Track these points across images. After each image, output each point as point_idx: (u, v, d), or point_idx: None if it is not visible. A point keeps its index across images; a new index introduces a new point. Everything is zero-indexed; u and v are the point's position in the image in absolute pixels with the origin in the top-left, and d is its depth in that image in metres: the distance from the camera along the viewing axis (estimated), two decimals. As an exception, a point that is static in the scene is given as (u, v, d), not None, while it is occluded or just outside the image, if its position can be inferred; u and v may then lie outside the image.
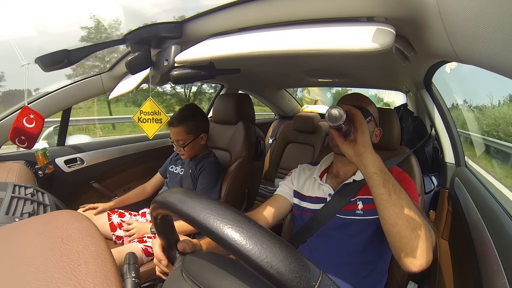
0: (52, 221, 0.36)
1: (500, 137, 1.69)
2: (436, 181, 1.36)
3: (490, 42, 0.29)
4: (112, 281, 0.28)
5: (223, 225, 0.29)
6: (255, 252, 0.27)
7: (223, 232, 0.29)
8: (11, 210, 0.66)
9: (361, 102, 0.79)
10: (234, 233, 0.29)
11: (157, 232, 0.48)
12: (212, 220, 0.30)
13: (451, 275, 0.89)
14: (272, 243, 0.28)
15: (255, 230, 0.29)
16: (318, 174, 0.85)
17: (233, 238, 0.28)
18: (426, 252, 0.54)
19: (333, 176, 0.84)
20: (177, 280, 0.39)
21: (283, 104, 2.65)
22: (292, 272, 0.26)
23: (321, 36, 0.48)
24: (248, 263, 0.27)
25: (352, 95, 0.84)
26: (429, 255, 0.55)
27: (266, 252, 0.27)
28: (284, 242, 0.29)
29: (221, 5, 0.61)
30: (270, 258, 0.26)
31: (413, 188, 0.75)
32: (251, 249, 0.27)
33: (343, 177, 0.81)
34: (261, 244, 0.27)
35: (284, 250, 0.27)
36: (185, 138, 1.24)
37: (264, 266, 0.26)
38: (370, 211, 0.74)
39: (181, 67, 0.69)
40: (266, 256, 0.27)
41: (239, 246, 0.28)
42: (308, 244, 0.81)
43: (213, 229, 0.30)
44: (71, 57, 0.75)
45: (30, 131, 1.04)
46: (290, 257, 0.27)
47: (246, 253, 0.27)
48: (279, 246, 0.28)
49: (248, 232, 0.29)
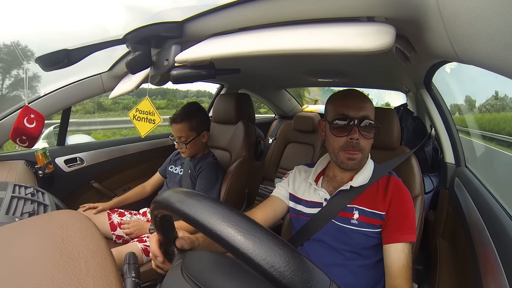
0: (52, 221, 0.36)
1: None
2: (436, 181, 1.37)
3: (491, 42, 0.29)
4: (112, 281, 0.28)
5: (234, 232, 0.29)
6: (268, 262, 0.27)
7: (233, 241, 0.28)
8: (11, 210, 0.66)
9: (365, 110, 0.72)
10: (246, 242, 0.28)
11: (156, 230, 0.48)
12: (223, 227, 0.29)
13: (451, 275, 0.89)
14: (285, 252, 0.27)
15: (267, 238, 0.28)
16: (314, 179, 0.83)
17: (245, 247, 0.28)
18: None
19: (329, 179, 0.82)
20: (177, 280, 0.39)
21: (283, 104, 2.65)
22: (304, 282, 0.26)
23: (321, 36, 0.48)
24: (260, 272, 0.27)
25: (353, 99, 0.74)
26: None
27: (280, 261, 0.27)
28: (296, 251, 0.28)
29: (222, 5, 0.60)
30: (284, 268, 0.26)
31: (409, 201, 0.75)
32: (264, 258, 0.27)
33: (340, 181, 0.80)
34: (274, 253, 0.27)
35: (296, 260, 0.27)
36: (188, 135, 1.24)
37: (277, 276, 0.26)
38: (365, 224, 0.73)
39: (181, 67, 0.69)
40: (279, 265, 0.26)
41: (251, 255, 0.27)
42: (305, 248, 0.81)
43: (223, 237, 0.29)
44: (71, 57, 0.75)
45: (31, 131, 1.04)
46: (302, 266, 0.27)
47: (258, 263, 0.27)
48: (291, 255, 0.27)
49: (261, 241, 0.28)
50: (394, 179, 0.78)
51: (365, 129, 0.72)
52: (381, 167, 0.80)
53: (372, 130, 0.74)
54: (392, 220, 0.72)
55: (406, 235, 0.70)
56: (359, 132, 0.71)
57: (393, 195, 0.74)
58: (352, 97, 0.75)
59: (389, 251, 0.70)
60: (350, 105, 0.73)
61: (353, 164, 0.73)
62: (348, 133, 0.72)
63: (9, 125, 1.03)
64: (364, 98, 0.76)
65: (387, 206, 0.73)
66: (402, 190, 0.76)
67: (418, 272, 1.08)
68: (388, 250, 0.70)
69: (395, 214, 0.72)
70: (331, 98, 0.80)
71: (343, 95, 0.77)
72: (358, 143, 0.72)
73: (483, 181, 0.93)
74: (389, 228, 0.72)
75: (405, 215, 0.72)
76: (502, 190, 0.82)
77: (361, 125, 0.71)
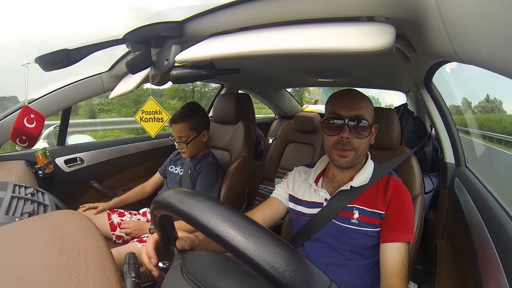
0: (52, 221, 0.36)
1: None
2: (436, 181, 1.36)
3: (491, 42, 0.29)
4: (112, 281, 0.28)
5: (234, 233, 0.29)
6: (268, 262, 0.27)
7: (234, 241, 0.28)
8: (11, 210, 0.66)
9: (358, 110, 0.72)
10: (246, 242, 0.28)
11: (156, 230, 0.48)
12: (223, 227, 0.29)
13: (451, 275, 0.89)
14: (285, 252, 0.27)
15: (267, 239, 0.28)
16: (313, 179, 0.83)
17: (245, 247, 0.28)
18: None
19: (329, 180, 0.83)
20: (177, 280, 0.39)
21: (283, 104, 2.65)
22: (304, 282, 0.26)
23: (321, 35, 0.48)
24: (260, 272, 0.27)
25: (347, 98, 0.75)
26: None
27: (280, 261, 0.27)
28: (296, 251, 0.28)
29: (222, 5, 0.60)
30: (284, 268, 0.26)
31: (408, 201, 0.75)
32: (264, 259, 0.27)
33: (339, 182, 0.80)
34: (274, 254, 0.27)
35: (296, 260, 0.27)
36: (188, 135, 1.24)
37: (277, 276, 0.26)
38: (365, 223, 0.73)
39: (181, 67, 0.69)
40: (279, 265, 0.26)
41: (251, 255, 0.27)
42: (305, 248, 0.81)
43: (223, 237, 0.29)
44: (71, 57, 0.75)
45: (31, 131, 1.04)
46: (302, 267, 0.27)
47: (258, 263, 0.27)
48: (292, 255, 0.27)
49: (261, 241, 0.28)
50: (394, 179, 0.78)
51: (356, 129, 0.72)
52: (381, 167, 0.80)
53: (365, 129, 0.73)
54: (390, 219, 0.72)
55: (403, 234, 0.70)
56: (349, 131, 0.72)
57: (392, 194, 0.75)
58: (346, 96, 0.76)
59: (385, 250, 0.70)
60: (342, 105, 0.74)
61: (345, 162, 0.74)
62: (339, 132, 0.73)
63: (9, 125, 1.03)
64: (359, 97, 0.75)
65: (387, 205, 0.74)
66: (401, 189, 0.76)
67: (418, 272, 1.08)
68: (384, 249, 0.71)
69: (393, 214, 0.73)
70: (329, 97, 0.81)
71: (338, 95, 0.78)
72: (350, 142, 0.72)
73: (483, 180, 0.93)
74: (387, 227, 0.72)
75: (403, 215, 0.72)
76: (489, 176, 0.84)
77: (352, 124, 0.72)
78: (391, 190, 0.75)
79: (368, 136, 0.74)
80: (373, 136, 0.78)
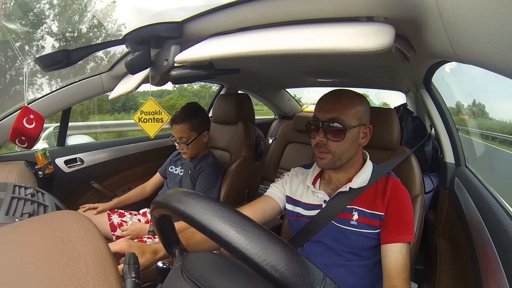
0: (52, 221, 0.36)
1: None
2: (436, 181, 1.36)
3: (490, 42, 0.29)
4: (112, 281, 0.28)
5: (226, 227, 0.29)
6: (260, 256, 0.27)
7: (227, 235, 0.28)
8: (11, 211, 0.66)
9: (333, 112, 0.71)
10: (238, 236, 0.28)
11: (156, 230, 0.48)
12: (216, 222, 0.30)
13: (451, 275, 0.89)
14: (277, 246, 0.27)
15: (259, 233, 0.28)
16: (311, 181, 0.82)
17: (237, 242, 0.28)
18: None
19: (326, 182, 0.82)
20: (178, 281, 0.39)
21: (283, 104, 2.65)
22: (296, 276, 0.26)
23: (321, 36, 0.48)
24: (252, 266, 0.27)
25: (327, 100, 0.74)
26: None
27: (272, 255, 0.27)
28: (288, 246, 0.28)
29: (221, 5, 0.60)
30: (275, 262, 0.26)
31: (407, 201, 0.75)
32: (256, 252, 0.27)
33: (336, 183, 0.80)
34: (266, 248, 0.27)
35: (289, 254, 0.27)
36: (189, 135, 1.24)
37: (269, 269, 0.26)
38: (364, 225, 0.73)
39: (181, 67, 0.69)
40: (271, 259, 0.26)
41: (243, 249, 0.27)
42: (305, 249, 0.81)
43: (216, 232, 0.29)
44: (70, 57, 0.75)
45: (30, 131, 1.04)
46: (294, 260, 0.27)
47: (250, 257, 0.27)
48: (283, 249, 0.27)
49: (253, 235, 0.28)
50: (392, 179, 0.78)
51: (330, 132, 0.71)
52: (381, 167, 0.80)
53: (340, 132, 0.70)
54: (390, 220, 0.72)
55: (403, 235, 0.70)
56: (324, 135, 0.72)
57: (391, 195, 0.74)
58: (327, 98, 0.75)
59: (387, 251, 0.70)
60: (320, 107, 0.75)
61: (323, 163, 0.75)
62: (316, 135, 0.74)
63: (9, 125, 1.03)
64: (338, 99, 0.73)
65: (386, 206, 0.74)
66: (400, 190, 0.76)
67: (418, 272, 1.08)
68: (386, 250, 0.70)
69: (392, 214, 0.72)
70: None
71: (323, 97, 0.77)
72: (325, 145, 0.72)
73: (483, 180, 0.93)
74: (387, 228, 0.72)
75: (403, 215, 0.72)
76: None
77: (327, 127, 0.72)
78: (389, 191, 0.75)
79: (344, 139, 0.71)
80: (367, 138, 0.76)
